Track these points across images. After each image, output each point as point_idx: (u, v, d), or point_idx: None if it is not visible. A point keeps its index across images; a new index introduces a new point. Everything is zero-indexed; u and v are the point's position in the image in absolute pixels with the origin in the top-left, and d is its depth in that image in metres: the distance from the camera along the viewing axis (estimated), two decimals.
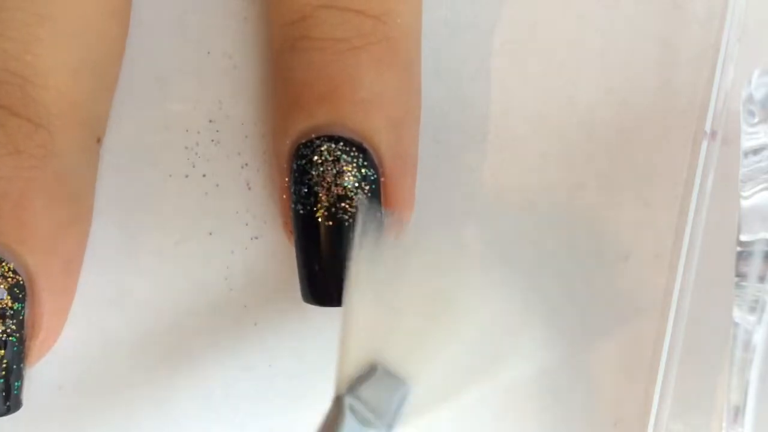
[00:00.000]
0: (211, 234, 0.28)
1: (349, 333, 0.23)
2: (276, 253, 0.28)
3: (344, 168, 0.25)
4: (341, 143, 0.25)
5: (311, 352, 0.28)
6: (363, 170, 0.25)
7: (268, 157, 0.28)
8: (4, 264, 0.23)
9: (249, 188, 0.28)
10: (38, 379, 0.27)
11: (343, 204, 0.25)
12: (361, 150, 0.25)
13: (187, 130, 0.28)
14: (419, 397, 0.22)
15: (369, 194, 0.25)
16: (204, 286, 0.28)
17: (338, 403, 0.22)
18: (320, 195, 0.25)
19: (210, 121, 0.28)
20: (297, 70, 0.25)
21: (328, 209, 0.25)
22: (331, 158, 0.25)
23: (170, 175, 0.28)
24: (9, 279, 0.23)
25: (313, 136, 0.25)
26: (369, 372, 0.22)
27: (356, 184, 0.25)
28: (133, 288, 0.27)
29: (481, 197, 0.29)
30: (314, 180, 0.25)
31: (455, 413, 0.28)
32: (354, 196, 0.25)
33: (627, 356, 0.29)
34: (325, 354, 0.26)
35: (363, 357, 0.22)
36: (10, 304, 0.23)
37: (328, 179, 0.25)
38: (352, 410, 0.22)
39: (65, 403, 0.27)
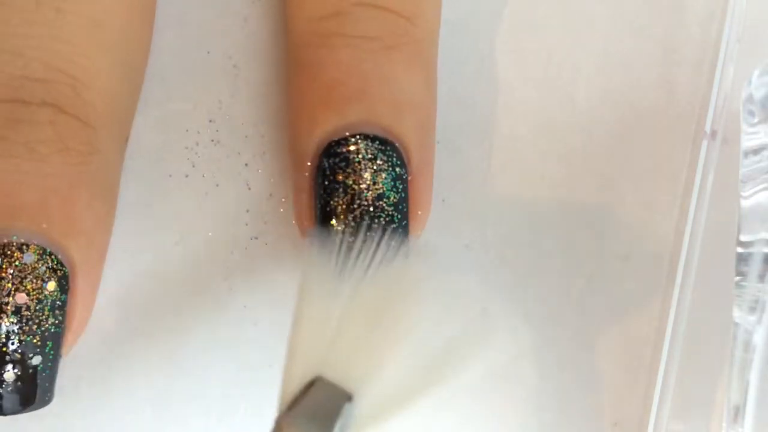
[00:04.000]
0: (211, 234, 0.28)
1: (293, 349, 0.22)
2: (276, 253, 0.28)
3: (381, 166, 0.25)
4: (377, 142, 0.25)
5: None
6: (398, 169, 0.25)
7: (269, 158, 0.28)
8: (53, 256, 0.24)
9: (249, 188, 0.28)
10: None
11: (380, 202, 0.25)
12: (395, 149, 0.25)
13: (187, 130, 0.28)
14: (367, 408, 0.22)
15: (402, 193, 0.25)
16: (204, 286, 0.28)
17: (278, 424, 0.21)
18: (357, 192, 0.24)
19: (210, 121, 0.28)
20: (326, 66, 0.25)
21: (366, 207, 0.24)
22: (368, 156, 0.25)
23: (170, 175, 0.28)
24: (58, 272, 0.24)
25: (347, 134, 0.25)
26: (312, 387, 0.22)
27: (392, 183, 0.25)
28: (133, 288, 0.27)
29: (482, 197, 0.29)
30: (351, 178, 0.25)
31: (455, 412, 0.28)
32: (390, 195, 0.25)
33: (627, 356, 0.29)
34: None
35: (307, 372, 0.22)
36: (58, 296, 0.24)
37: (366, 177, 0.24)
38: (296, 429, 0.21)
39: (65, 402, 0.27)
